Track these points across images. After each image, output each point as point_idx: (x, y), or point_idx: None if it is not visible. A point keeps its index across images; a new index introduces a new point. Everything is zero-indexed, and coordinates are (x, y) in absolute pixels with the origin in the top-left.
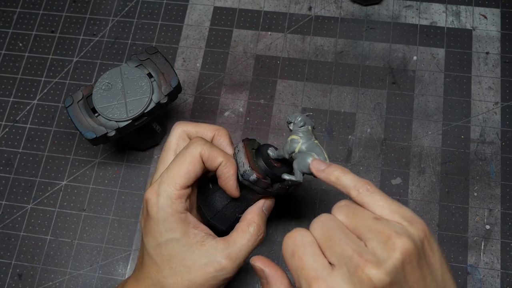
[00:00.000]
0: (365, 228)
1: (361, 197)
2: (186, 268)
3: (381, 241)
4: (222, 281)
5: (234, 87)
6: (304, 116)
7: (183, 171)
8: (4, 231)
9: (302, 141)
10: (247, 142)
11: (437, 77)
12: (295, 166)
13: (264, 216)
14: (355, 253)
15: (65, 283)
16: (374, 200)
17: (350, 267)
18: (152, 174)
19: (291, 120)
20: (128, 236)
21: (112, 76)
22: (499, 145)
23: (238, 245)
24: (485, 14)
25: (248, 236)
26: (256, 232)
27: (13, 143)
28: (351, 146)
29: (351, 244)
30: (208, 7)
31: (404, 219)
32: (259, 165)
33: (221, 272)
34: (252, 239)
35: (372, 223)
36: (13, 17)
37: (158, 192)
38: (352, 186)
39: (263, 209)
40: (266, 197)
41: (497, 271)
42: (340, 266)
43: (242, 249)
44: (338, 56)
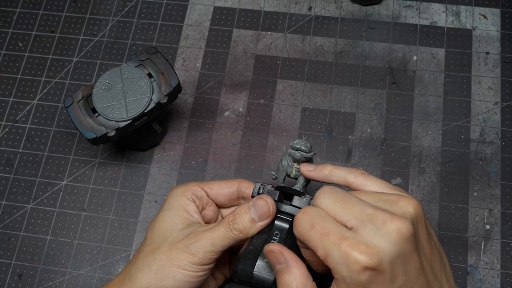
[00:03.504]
0: (371, 200)
1: (359, 180)
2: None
3: (392, 204)
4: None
5: (234, 87)
6: (305, 141)
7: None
8: (4, 231)
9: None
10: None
11: (437, 77)
12: None
13: (245, 211)
14: (378, 210)
15: (65, 283)
16: (371, 181)
17: (376, 223)
18: (151, 175)
19: (309, 150)
20: (128, 236)
21: (112, 76)
22: (499, 145)
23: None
24: (485, 14)
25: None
26: (227, 223)
27: (13, 143)
28: (351, 146)
29: (369, 204)
30: (208, 7)
31: (402, 193)
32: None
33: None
34: (220, 230)
35: (377, 196)
36: (13, 17)
37: None
38: (347, 173)
39: (250, 205)
40: None
41: (497, 271)
42: (364, 224)
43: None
44: (338, 56)
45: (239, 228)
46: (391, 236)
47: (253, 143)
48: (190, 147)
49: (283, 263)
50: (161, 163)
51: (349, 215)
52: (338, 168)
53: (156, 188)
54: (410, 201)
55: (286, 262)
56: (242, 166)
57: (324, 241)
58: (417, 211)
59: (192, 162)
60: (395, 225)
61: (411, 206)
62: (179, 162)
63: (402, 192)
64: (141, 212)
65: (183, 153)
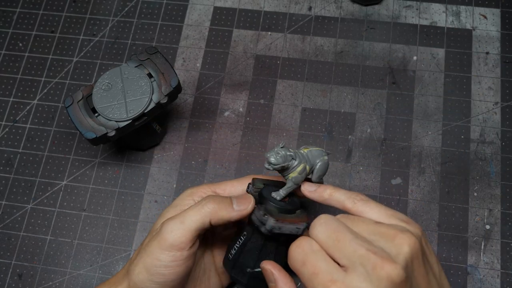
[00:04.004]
0: (368, 232)
1: (357, 207)
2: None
3: (388, 240)
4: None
5: (234, 87)
6: (281, 150)
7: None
8: (4, 231)
9: (304, 162)
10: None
11: (437, 77)
12: (318, 179)
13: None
14: (370, 252)
15: (65, 283)
16: (370, 207)
17: (367, 266)
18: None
19: (278, 162)
20: (128, 236)
21: (112, 76)
22: (499, 145)
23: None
24: (485, 14)
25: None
26: (199, 204)
27: (13, 143)
28: (351, 146)
29: (363, 243)
30: (208, 7)
31: (401, 221)
32: (276, 214)
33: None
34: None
35: (374, 227)
36: (13, 17)
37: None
38: (346, 198)
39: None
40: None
41: (497, 271)
42: (355, 266)
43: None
44: (338, 56)
45: (211, 206)
46: (381, 283)
47: (253, 143)
48: (190, 147)
49: (272, 282)
50: (161, 163)
51: (341, 253)
52: (338, 191)
53: (156, 188)
54: (406, 238)
55: (275, 282)
56: (242, 166)
57: (314, 281)
58: (413, 249)
59: (192, 162)
60: (385, 272)
61: (406, 244)
62: (179, 162)
63: (401, 219)
64: (141, 212)
65: (183, 153)
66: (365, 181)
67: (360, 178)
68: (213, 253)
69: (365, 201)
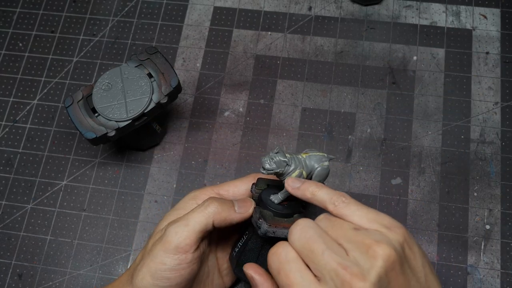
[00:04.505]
0: (345, 239)
1: (338, 210)
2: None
3: (362, 251)
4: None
5: (234, 87)
6: (276, 155)
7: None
8: (4, 231)
9: (300, 168)
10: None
11: (437, 77)
12: (317, 180)
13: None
14: (340, 266)
15: (65, 283)
16: (351, 210)
17: (336, 282)
18: (151, 174)
19: (272, 167)
20: (128, 236)
21: (112, 76)
22: (499, 145)
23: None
24: (485, 14)
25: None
26: (201, 206)
27: (13, 143)
28: (351, 146)
29: (334, 256)
30: (208, 7)
31: (382, 226)
32: (274, 218)
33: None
34: (197, 211)
35: (352, 234)
36: (13, 17)
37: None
38: (328, 200)
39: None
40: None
41: (497, 271)
42: (326, 280)
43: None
44: (338, 56)
45: (214, 208)
46: None
47: (253, 143)
48: (190, 147)
49: (255, 286)
50: (161, 163)
51: (314, 264)
52: (321, 190)
53: (156, 188)
54: (380, 250)
55: (256, 287)
56: (242, 166)
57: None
58: (387, 262)
59: (192, 162)
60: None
61: (380, 257)
62: (179, 162)
63: (383, 223)
64: (141, 212)
65: (183, 153)
66: (365, 181)
67: (360, 178)
68: (216, 255)
69: (346, 204)
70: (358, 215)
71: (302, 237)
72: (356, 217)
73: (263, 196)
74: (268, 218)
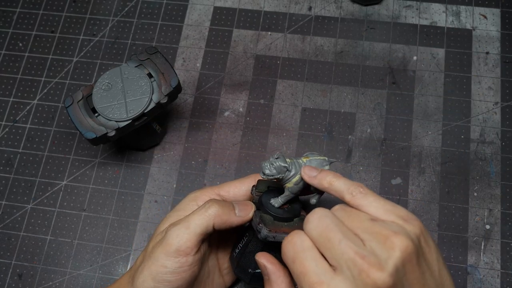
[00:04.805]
0: (362, 229)
1: (355, 200)
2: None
3: (379, 241)
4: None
5: (234, 87)
6: (276, 161)
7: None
8: (4, 231)
9: (300, 172)
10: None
11: (437, 77)
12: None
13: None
14: (357, 255)
15: (65, 283)
16: (369, 201)
17: (353, 271)
18: (151, 174)
19: (272, 172)
20: (128, 236)
21: (112, 76)
22: (499, 145)
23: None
24: (485, 14)
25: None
26: (202, 207)
27: (13, 143)
28: (351, 146)
29: (351, 245)
30: (208, 7)
31: (400, 217)
32: (275, 223)
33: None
34: (197, 213)
35: (369, 224)
36: (13, 17)
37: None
38: (345, 190)
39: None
40: None
41: (497, 271)
42: (342, 269)
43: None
44: (338, 56)
45: (214, 210)
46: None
47: (253, 143)
48: (190, 147)
49: (266, 275)
50: (161, 163)
51: (330, 253)
52: (338, 180)
53: (156, 188)
54: (398, 241)
55: (268, 276)
56: (242, 166)
57: (302, 280)
58: (405, 253)
59: (192, 162)
60: (371, 279)
61: (398, 248)
62: (179, 162)
63: (400, 215)
64: (141, 212)
65: (183, 153)
66: (365, 181)
67: (360, 178)
68: (217, 255)
69: (364, 194)
70: (375, 206)
71: (318, 226)
72: (373, 208)
73: (263, 200)
74: (268, 222)
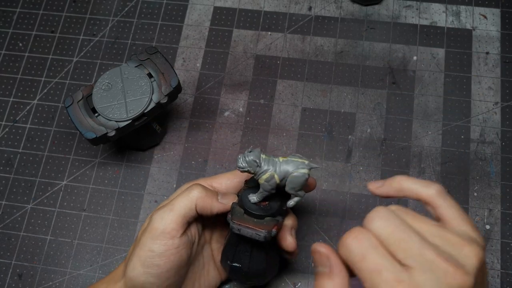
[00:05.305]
0: (430, 233)
1: (435, 199)
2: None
3: (455, 248)
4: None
5: (234, 87)
6: (249, 155)
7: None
8: (4, 231)
9: (272, 170)
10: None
11: (437, 77)
12: (291, 191)
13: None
14: (440, 258)
15: (65, 283)
16: (447, 204)
17: (437, 272)
18: (151, 175)
19: (242, 165)
20: (128, 236)
21: (112, 76)
22: (499, 145)
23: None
24: (485, 14)
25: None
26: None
27: (13, 143)
28: (351, 146)
29: (431, 247)
30: (208, 7)
31: (472, 229)
32: (254, 220)
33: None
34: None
35: (438, 230)
36: (13, 17)
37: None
38: (422, 186)
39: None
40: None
41: (497, 271)
42: (423, 270)
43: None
44: (338, 56)
45: (197, 193)
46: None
47: (253, 143)
48: (190, 147)
49: (327, 267)
50: (161, 163)
51: (405, 253)
52: (409, 180)
53: (156, 188)
54: (475, 250)
55: (330, 268)
56: None
57: (375, 278)
58: (480, 263)
59: (192, 162)
60: (457, 282)
61: (475, 257)
62: (179, 162)
63: (472, 227)
64: (141, 212)
65: (183, 153)
66: (365, 181)
67: (360, 178)
68: (211, 246)
69: (442, 195)
70: (452, 212)
71: (388, 226)
72: (450, 212)
73: (243, 194)
74: (237, 215)
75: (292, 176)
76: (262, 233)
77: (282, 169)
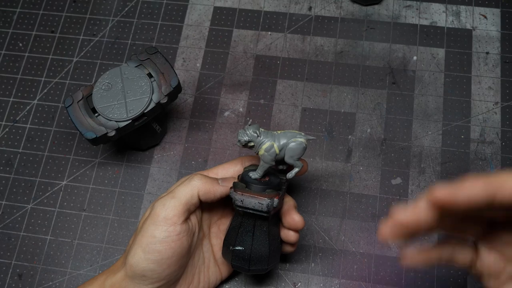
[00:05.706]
0: None
1: None
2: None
3: None
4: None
5: (234, 87)
6: (249, 128)
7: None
8: (4, 231)
9: (272, 141)
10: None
11: (437, 77)
12: (290, 160)
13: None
14: None
15: (65, 283)
16: None
17: None
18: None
19: (244, 139)
20: (128, 236)
21: (112, 76)
22: (499, 145)
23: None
24: (485, 14)
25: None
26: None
27: (13, 143)
28: (351, 146)
29: None
30: (208, 7)
31: None
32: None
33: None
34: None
35: None
36: (13, 17)
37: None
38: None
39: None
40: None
41: None
42: None
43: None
44: (338, 56)
45: (198, 180)
46: None
47: None
48: (190, 147)
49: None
50: (161, 163)
51: None
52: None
53: (156, 188)
54: None
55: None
56: None
57: None
58: None
59: (192, 162)
60: None
61: None
62: (179, 162)
63: None
64: (141, 212)
65: (183, 153)
66: (365, 181)
67: (360, 178)
68: (211, 242)
69: None
70: None
71: None
72: None
73: (244, 172)
74: (239, 188)
75: (292, 144)
76: (264, 201)
77: (281, 139)
